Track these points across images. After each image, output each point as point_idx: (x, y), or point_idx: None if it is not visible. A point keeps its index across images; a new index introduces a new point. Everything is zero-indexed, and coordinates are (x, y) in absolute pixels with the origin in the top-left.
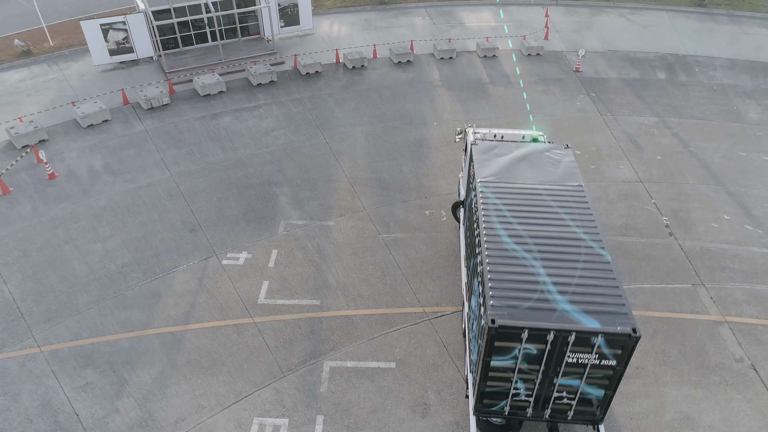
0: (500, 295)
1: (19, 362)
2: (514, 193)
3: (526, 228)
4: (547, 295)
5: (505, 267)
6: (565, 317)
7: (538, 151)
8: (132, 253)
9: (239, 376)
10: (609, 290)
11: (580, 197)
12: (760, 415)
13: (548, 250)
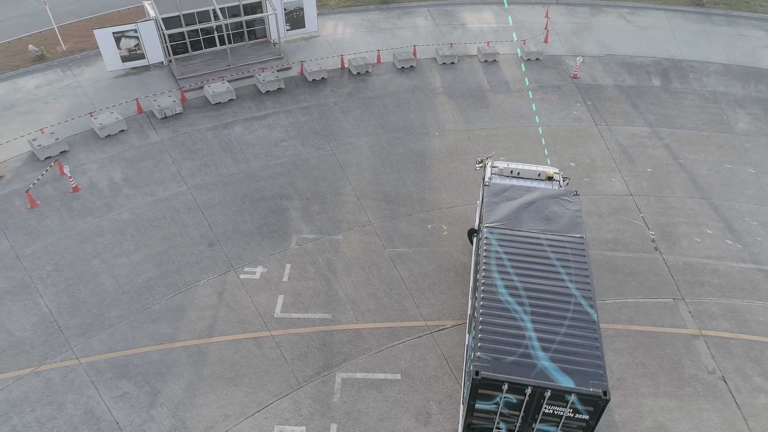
0: (488, 347)
1: (61, 373)
2: (516, 242)
3: (522, 280)
4: (530, 351)
5: (496, 319)
6: (543, 374)
7: (547, 197)
8: (156, 268)
9: (260, 386)
10: (589, 350)
11: (580, 250)
12: (726, 423)
13: (539, 304)
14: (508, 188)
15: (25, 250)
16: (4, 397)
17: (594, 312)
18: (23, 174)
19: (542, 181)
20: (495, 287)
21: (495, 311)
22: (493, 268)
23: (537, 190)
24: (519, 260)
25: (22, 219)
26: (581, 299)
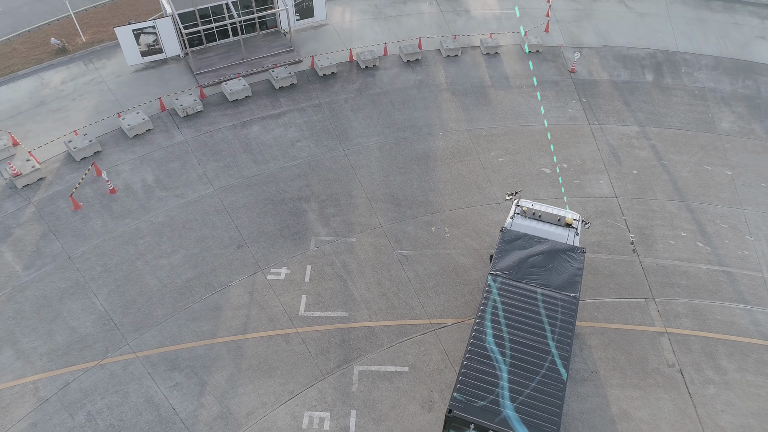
0: (464, 389)
1: (121, 366)
2: (514, 293)
3: (510, 331)
4: (500, 399)
5: (478, 365)
6: (505, 422)
7: (555, 251)
8: (193, 269)
9: (290, 378)
10: (551, 406)
11: (570, 309)
12: (679, 410)
13: (519, 357)
14: (521, 237)
15: (76, 252)
16: (76, 387)
17: (565, 372)
18: (63, 175)
19: (561, 226)
20: (484, 335)
21: (479, 357)
22: (487, 316)
23: (547, 243)
24: (512, 312)
25: (68, 221)
26: (557, 358)
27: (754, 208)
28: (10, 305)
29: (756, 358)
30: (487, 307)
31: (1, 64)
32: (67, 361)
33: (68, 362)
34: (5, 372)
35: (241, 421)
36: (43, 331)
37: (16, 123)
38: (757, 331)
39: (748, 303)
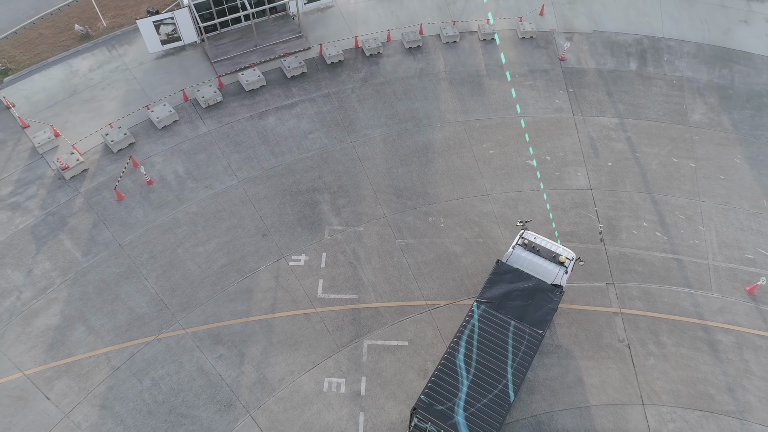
0: (431, 394)
1: (174, 341)
2: (490, 322)
3: (479, 354)
4: (455, 407)
5: (447, 377)
6: (454, 425)
7: (536, 290)
8: (226, 256)
9: (312, 351)
10: (494, 420)
11: (534, 343)
12: (623, 377)
13: (479, 377)
14: (512, 271)
15: (124, 240)
16: (140, 357)
17: (513, 395)
18: (103, 167)
19: (554, 263)
20: (456, 353)
21: (448, 371)
22: (464, 337)
23: (533, 281)
24: (484, 337)
25: (114, 211)
26: (510, 383)
27: (710, 199)
28: (76, 288)
29: (691, 335)
30: (465, 329)
31: (31, 51)
32: (129, 336)
33: (131, 337)
34: (81, 345)
35: (274, 386)
36: (106, 310)
37: (54, 113)
38: (695, 312)
39: (691, 287)
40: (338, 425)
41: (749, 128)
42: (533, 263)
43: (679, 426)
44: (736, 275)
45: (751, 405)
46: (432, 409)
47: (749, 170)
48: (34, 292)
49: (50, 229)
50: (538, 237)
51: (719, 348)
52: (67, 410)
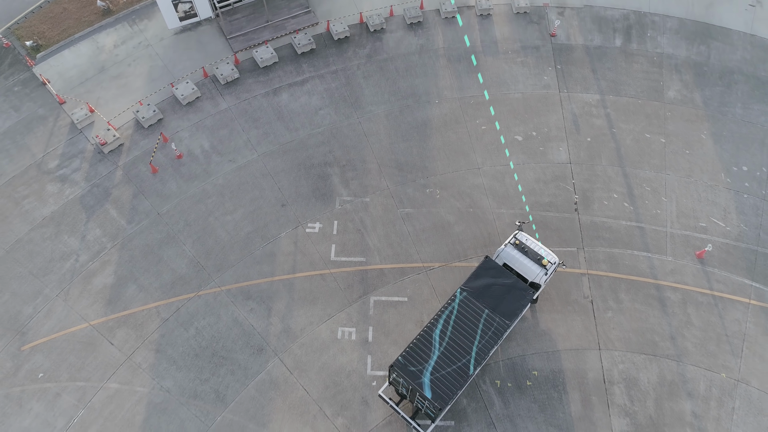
0: (408, 356)
1: (212, 297)
2: (468, 308)
3: (452, 332)
4: (424, 370)
5: (422, 346)
6: (420, 384)
7: (513, 288)
8: (251, 224)
9: (327, 305)
10: (453, 386)
11: (500, 331)
12: (584, 328)
13: (449, 350)
14: (496, 267)
15: (162, 209)
16: (185, 311)
17: (473, 370)
18: (137, 141)
19: (537, 264)
20: (434, 329)
21: (424, 342)
22: (443, 316)
23: (512, 278)
24: (460, 319)
25: (150, 183)
26: (472, 360)
27: (674, 173)
28: (125, 252)
29: (645, 293)
30: (446, 310)
31: (58, 27)
32: (174, 292)
33: (175, 293)
34: (135, 300)
35: (297, 334)
36: (152, 271)
37: (87, 90)
38: (650, 273)
39: (649, 251)
40: (350, 366)
41: (718, 105)
42: (519, 261)
43: (627, 367)
44: (689, 241)
45: (687, 350)
46: (406, 369)
47: (712, 145)
48: (90, 255)
49: (96, 199)
50: (529, 239)
51: (667, 303)
52: (129, 353)
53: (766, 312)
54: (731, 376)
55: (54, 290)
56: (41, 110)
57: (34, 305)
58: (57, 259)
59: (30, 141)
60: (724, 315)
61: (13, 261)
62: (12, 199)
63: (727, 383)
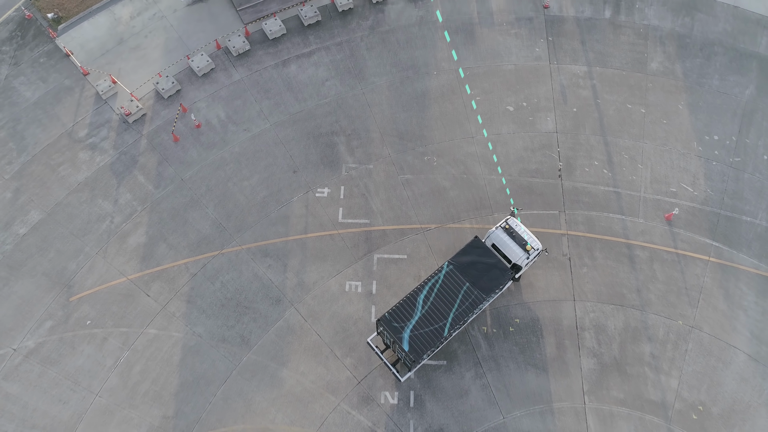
0: (394, 313)
1: (234, 254)
2: (452, 279)
3: (434, 299)
4: (406, 327)
5: (406, 307)
6: (400, 338)
7: (495, 267)
8: (266, 189)
9: (336, 262)
10: (428, 344)
11: (476, 303)
12: (561, 281)
13: (429, 313)
14: (482, 247)
15: (185, 175)
16: (210, 267)
17: (447, 332)
18: (158, 111)
19: (521, 248)
20: (419, 293)
21: (409, 303)
22: (428, 284)
23: (495, 259)
24: (443, 288)
25: (173, 151)
26: (448, 324)
27: (651, 141)
28: (154, 214)
29: (617, 251)
30: (432, 279)
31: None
32: (200, 251)
33: (201, 252)
34: (166, 258)
35: (310, 287)
36: (180, 231)
37: (108, 61)
38: (623, 234)
39: (624, 214)
40: (356, 314)
41: (697, 76)
42: (506, 244)
43: (597, 315)
44: (659, 205)
45: (651, 301)
46: (390, 324)
47: (688, 115)
48: (123, 217)
49: (125, 166)
50: (519, 225)
51: (636, 261)
52: (164, 304)
53: (722, 268)
54: (687, 323)
55: (93, 248)
56: (67, 81)
57: (77, 262)
58: (94, 220)
59: (59, 111)
60: (685, 271)
61: (55, 222)
62: (48, 166)
63: (683, 329)
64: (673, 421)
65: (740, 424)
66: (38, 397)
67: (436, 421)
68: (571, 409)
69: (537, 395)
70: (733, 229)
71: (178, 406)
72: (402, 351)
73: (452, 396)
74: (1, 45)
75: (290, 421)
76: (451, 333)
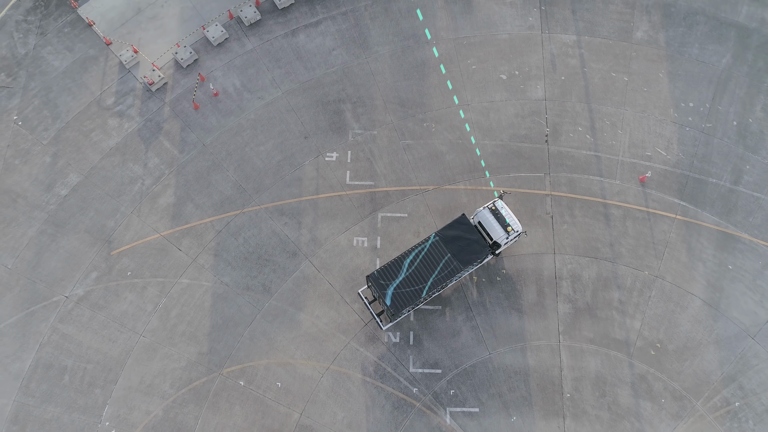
0: (382, 272)
1: (254, 213)
2: (436, 249)
3: (419, 265)
4: (390, 285)
5: (394, 268)
6: (384, 294)
7: (476, 243)
8: (280, 153)
9: (344, 220)
10: (406, 302)
11: (454, 272)
12: (544, 237)
13: (412, 275)
14: (467, 224)
15: (206, 141)
16: (233, 224)
17: (425, 294)
18: (178, 80)
19: (503, 229)
20: (406, 258)
21: (396, 265)
22: (415, 251)
23: (477, 236)
24: (427, 256)
25: (194, 118)
26: (426, 287)
27: (632, 108)
28: (180, 177)
29: (594, 210)
30: (418, 247)
31: None
32: (223, 210)
33: (224, 210)
34: (193, 216)
35: (322, 242)
36: (204, 193)
37: (128, 31)
38: (601, 194)
39: (602, 176)
40: (363, 266)
41: (678, 45)
42: (490, 223)
43: (574, 266)
44: (635, 168)
45: (621, 254)
46: (377, 281)
47: (667, 83)
48: (152, 180)
49: (151, 132)
50: (504, 208)
51: (611, 218)
52: (194, 257)
53: (687, 225)
54: (652, 273)
55: (128, 208)
56: (91, 51)
57: (114, 220)
58: (126, 183)
59: (87, 80)
60: (654, 227)
61: (92, 185)
62: (81, 132)
63: (648, 278)
64: (634, 356)
65: (691, 359)
66: (91, 337)
67: (431, 356)
68: (547, 347)
69: (519, 335)
70: (699, 189)
71: (211, 344)
72: (385, 305)
73: (446, 335)
74: (26, 15)
75: (307, 357)
76: (429, 295)
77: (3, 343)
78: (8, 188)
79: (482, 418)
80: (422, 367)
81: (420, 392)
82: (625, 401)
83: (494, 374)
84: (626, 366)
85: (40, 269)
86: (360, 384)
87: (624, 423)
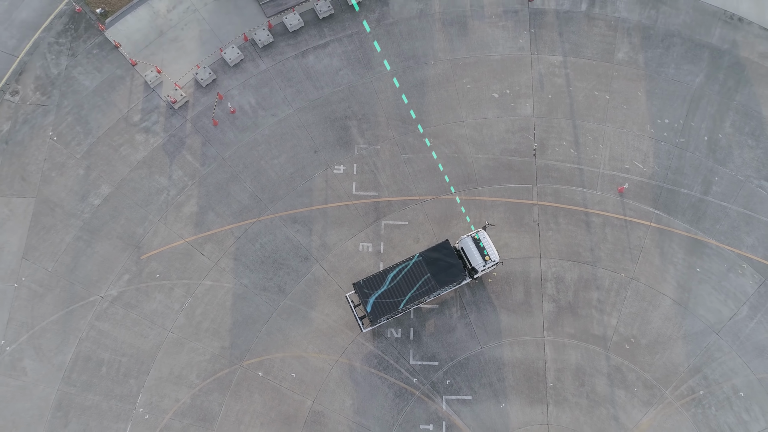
0: (367, 282)
1: (269, 221)
2: (418, 268)
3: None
4: (374, 294)
5: (378, 280)
6: (366, 302)
7: (454, 268)
8: (292, 166)
9: (351, 227)
10: (385, 310)
11: (431, 290)
12: (531, 242)
13: (394, 287)
14: (449, 249)
15: (225, 155)
16: (251, 231)
17: (401, 306)
18: (198, 99)
19: (482, 257)
20: (390, 272)
21: (380, 277)
22: (400, 266)
23: (456, 261)
24: (409, 273)
25: (213, 134)
26: (404, 300)
27: (612, 124)
28: (202, 188)
29: (577, 218)
30: (402, 264)
31: None
32: (241, 218)
33: (242, 218)
34: (214, 224)
35: (331, 247)
36: (224, 202)
37: (152, 52)
38: (583, 203)
39: (584, 187)
40: (368, 269)
41: (656, 66)
42: (471, 251)
43: (558, 269)
44: (614, 179)
45: (601, 258)
46: (362, 289)
47: (645, 101)
48: (176, 190)
49: (175, 147)
50: (486, 239)
51: (591, 226)
52: (216, 261)
53: (660, 231)
54: (628, 275)
55: (156, 216)
56: (119, 71)
57: (143, 227)
58: (153, 193)
59: (115, 98)
60: (630, 233)
61: (122, 195)
62: (111, 146)
63: (624, 280)
64: (611, 350)
65: (661, 352)
66: (125, 333)
67: (429, 350)
68: (533, 341)
69: (508, 331)
70: (672, 199)
71: (232, 339)
72: (366, 311)
73: (442, 331)
74: (58, 37)
75: (319, 350)
76: (406, 307)
77: (46, 339)
78: (46, 198)
79: (475, 404)
80: (421, 360)
81: (419, 382)
82: (602, 390)
83: (485, 366)
84: (603, 359)
85: (78, 272)
86: (366, 374)
87: (601, 409)
